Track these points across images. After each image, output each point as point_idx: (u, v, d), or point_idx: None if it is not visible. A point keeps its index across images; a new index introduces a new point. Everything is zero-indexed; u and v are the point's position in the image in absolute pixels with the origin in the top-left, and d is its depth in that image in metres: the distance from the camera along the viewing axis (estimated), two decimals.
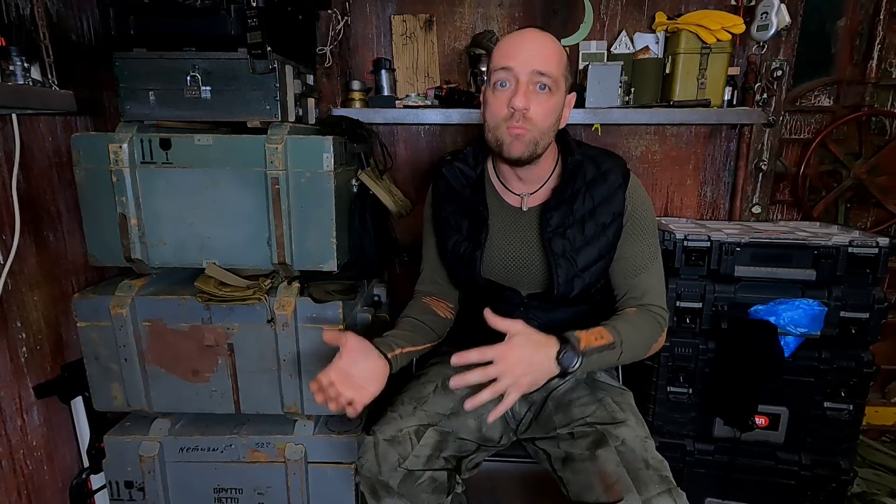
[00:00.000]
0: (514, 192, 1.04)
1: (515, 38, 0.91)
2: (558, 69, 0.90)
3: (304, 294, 1.27)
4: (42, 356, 1.28)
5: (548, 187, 1.03)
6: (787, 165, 1.83)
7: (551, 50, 0.90)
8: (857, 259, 1.37)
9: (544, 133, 0.92)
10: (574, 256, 0.98)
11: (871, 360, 1.41)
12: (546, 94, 0.90)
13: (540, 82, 0.89)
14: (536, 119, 0.90)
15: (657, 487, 0.83)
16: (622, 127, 1.81)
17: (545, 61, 0.88)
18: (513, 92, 0.89)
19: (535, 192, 1.03)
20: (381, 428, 0.99)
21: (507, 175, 1.04)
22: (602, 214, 0.98)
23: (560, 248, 0.98)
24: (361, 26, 1.79)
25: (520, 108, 0.88)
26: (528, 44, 0.89)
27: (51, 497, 1.31)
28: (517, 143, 0.91)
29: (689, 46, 1.60)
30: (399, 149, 1.87)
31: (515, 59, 0.88)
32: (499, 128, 0.92)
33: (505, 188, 1.05)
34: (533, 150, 0.93)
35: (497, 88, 0.91)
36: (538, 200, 1.03)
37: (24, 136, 1.18)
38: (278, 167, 1.19)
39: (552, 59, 0.89)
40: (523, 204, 1.03)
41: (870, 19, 1.71)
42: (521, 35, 0.91)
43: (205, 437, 1.33)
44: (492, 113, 0.93)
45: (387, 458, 0.94)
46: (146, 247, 1.25)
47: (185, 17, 1.16)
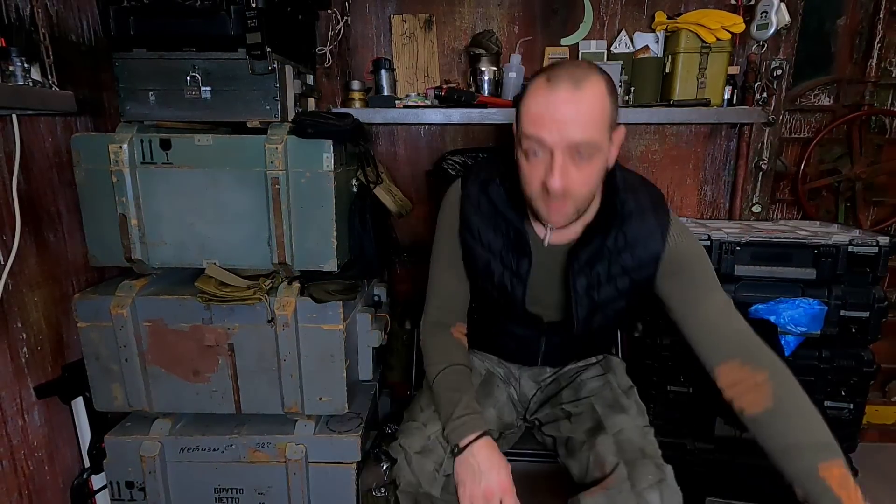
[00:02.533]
0: (542, 223, 0.92)
1: (547, 101, 0.76)
2: (601, 131, 0.77)
3: (304, 294, 1.27)
4: (43, 356, 1.28)
5: (578, 224, 0.91)
6: (787, 164, 1.83)
7: (591, 111, 0.75)
8: (857, 258, 1.37)
9: (588, 198, 0.83)
10: (595, 294, 0.92)
11: (872, 358, 1.41)
12: (586, 161, 0.78)
13: (578, 152, 0.76)
14: (577, 190, 0.79)
15: (651, 479, 0.87)
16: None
17: (584, 129, 0.75)
18: (548, 166, 0.77)
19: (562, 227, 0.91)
20: (408, 442, 0.99)
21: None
22: (633, 253, 0.89)
23: (584, 286, 0.92)
24: (361, 26, 1.79)
25: (555, 189, 0.77)
26: (563, 108, 0.74)
27: (52, 497, 1.31)
28: (557, 217, 0.83)
29: (688, 46, 1.60)
30: (399, 149, 1.87)
31: (547, 130, 0.75)
32: (534, 198, 0.83)
33: (534, 216, 0.93)
34: (576, 217, 0.85)
35: (530, 156, 0.80)
36: (564, 237, 0.93)
37: (24, 137, 1.18)
38: (278, 167, 1.19)
39: (593, 124, 0.76)
40: (546, 238, 0.93)
41: (869, 18, 1.71)
42: (555, 95, 0.75)
43: (205, 437, 1.33)
44: (526, 181, 0.83)
45: (424, 469, 0.95)
46: (146, 247, 1.25)
47: (185, 17, 1.16)
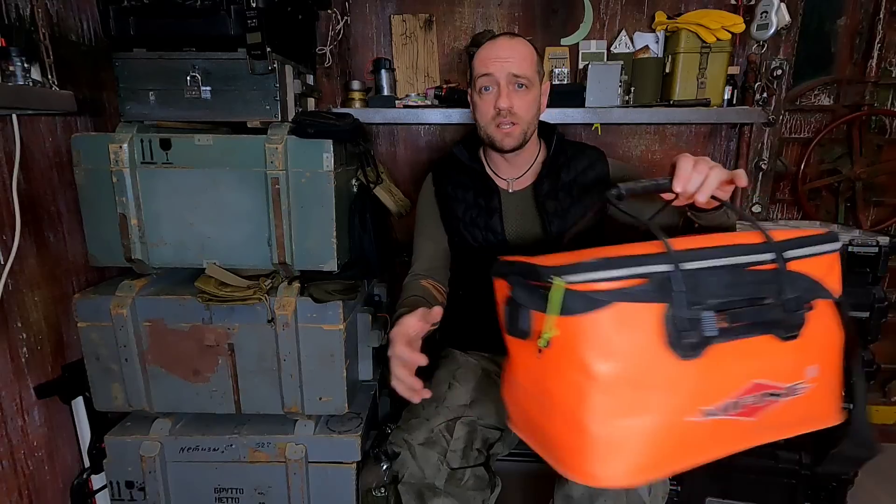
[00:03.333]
0: (502, 177, 1.19)
1: (491, 47, 1.05)
2: (531, 68, 1.06)
3: (304, 294, 1.27)
4: (43, 356, 1.28)
5: (534, 168, 1.18)
6: (787, 164, 1.83)
7: (522, 53, 1.04)
8: (857, 258, 1.37)
9: (529, 123, 1.09)
10: (564, 214, 1.13)
11: (872, 359, 1.41)
12: (524, 91, 1.05)
13: (517, 82, 1.04)
14: (521, 112, 1.06)
15: None
16: (622, 126, 1.81)
17: (519, 64, 1.04)
18: (496, 95, 1.05)
19: (520, 176, 1.18)
20: (411, 435, 1.02)
21: (497, 162, 1.19)
22: (585, 178, 1.15)
23: (553, 207, 1.13)
24: (361, 26, 1.79)
25: (504, 107, 1.04)
26: (502, 51, 1.04)
27: (52, 497, 1.31)
28: (508, 139, 1.08)
29: (688, 46, 1.60)
30: (399, 149, 1.87)
31: (493, 66, 1.03)
32: (489, 126, 1.08)
33: (494, 174, 1.20)
34: (522, 139, 1.09)
35: (482, 93, 1.07)
36: (525, 182, 1.18)
37: (24, 137, 1.18)
38: (278, 167, 1.19)
39: (525, 62, 1.05)
40: (510, 187, 1.18)
41: (870, 18, 1.71)
42: (496, 44, 1.05)
43: (205, 437, 1.33)
44: (481, 114, 1.09)
45: (428, 461, 0.98)
46: (146, 247, 1.25)
47: (185, 17, 1.16)
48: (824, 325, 0.63)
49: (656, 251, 0.57)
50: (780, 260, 0.60)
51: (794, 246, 0.62)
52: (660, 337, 0.54)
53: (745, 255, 0.59)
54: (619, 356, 0.53)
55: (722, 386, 0.58)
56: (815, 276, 0.62)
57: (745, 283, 0.59)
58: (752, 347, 0.59)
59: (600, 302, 0.53)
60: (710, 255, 0.58)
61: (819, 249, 0.63)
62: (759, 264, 0.60)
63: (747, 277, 0.59)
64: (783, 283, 0.60)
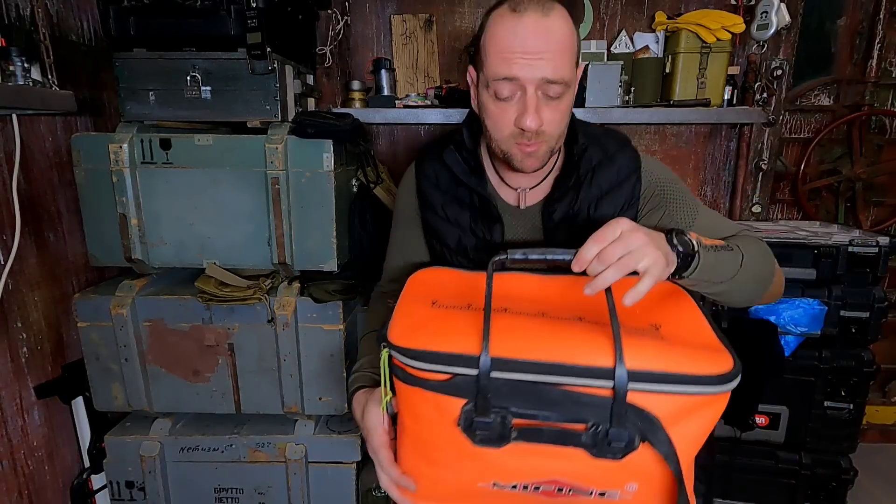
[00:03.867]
0: (511, 187, 0.87)
1: (515, 30, 0.69)
2: (570, 62, 0.71)
3: (304, 294, 1.27)
4: (43, 356, 1.28)
5: (550, 179, 0.87)
6: (787, 165, 1.83)
7: (561, 41, 0.70)
8: (857, 258, 1.37)
9: (559, 137, 0.78)
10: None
11: (872, 359, 1.41)
12: (557, 101, 0.72)
13: (551, 90, 0.71)
14: (551, 129, 0.74)
15: None
16: (622, 126, 1.80)
17: (556, 64, 0.69)
18: (521, 107, 0.72)
19: (535, 186, 0.86)
20: None
21: (508, 175, 0.87)
22: (611, 201, 0.83)
23: (565, 237, 0.84)
24: (361, 26, 1.79)
25: (532, 128, 0.72)
26: (534, 40, 0.68)
27: (52, 497, 1.31)
28: (530, 161, 0.77)
29: (688, 46, 1.60)
30: (399, 149, 1.87)
31: (520, 67, 0.69)
32: (506, 142, 0.76)
33: (501, 181, 0.88)
34: (548, 158, 0.79)
35: (499, 99, 0.73)
36: (539, 195, 0.87)
37: (24, 137, 1.18)
38: (278, 167, 1.19)
39: (564, 55, 0.70)
40: (521, 201, 0.87)
41: (870, 18, 1.71)
42: (523, 26, 0.68)
43: (205, 437, 1.33)
44: (495, 125, 0.76)
45: None
46: (146, 247, 1.25)
47: (185, 17, 1.16)
48: (659, 460, 0.54)
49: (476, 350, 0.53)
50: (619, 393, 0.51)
51: (644, 379, 0.51)
52: (456, 425, 0.56)
53: (575, 376, 0.52)
54: (422, 422, 0.60)
55: (518, 472, 0.58)
56: (661, 416, 0.52)
57: (565, 403, 0.53)
58: (559, 452, 0.55)
59: (413, 380, 0.57)
60: (527, 370, 0.53)
61: (678, 389, 0.52)
62: (592, 387, 0.53)
63: (569, 397, 0.53)
64: (613, 414, 0.52)
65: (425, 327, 0.59)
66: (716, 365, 0.53)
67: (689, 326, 0.61)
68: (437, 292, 0.69)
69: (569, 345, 0.54)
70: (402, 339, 0.57)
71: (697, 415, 0.54)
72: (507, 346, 0.54)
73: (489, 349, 0.53)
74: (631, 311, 0.62)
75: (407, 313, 0.63)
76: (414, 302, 0.66)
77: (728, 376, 0.52)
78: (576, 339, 0.55)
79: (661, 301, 0.66)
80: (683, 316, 0.63)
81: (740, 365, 0.54)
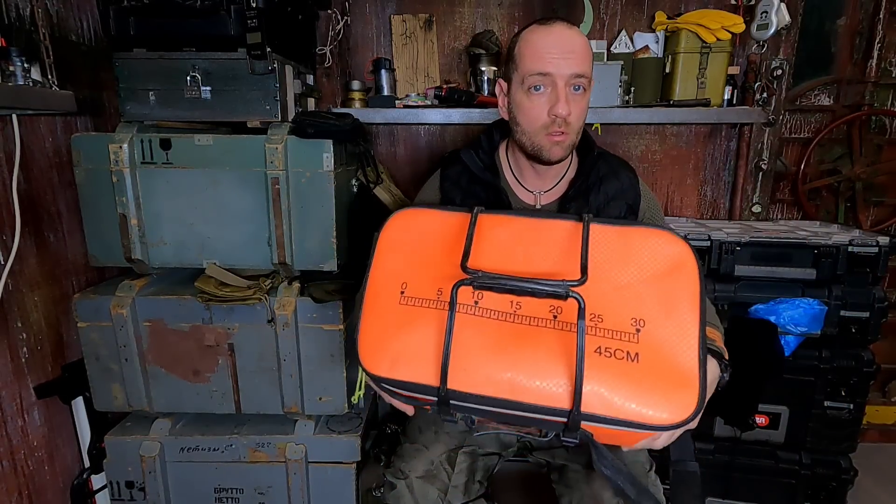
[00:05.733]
0: (528, 189, 1.01)
1: (547, 37, 0.85)
2: (591, 64, 0.88)
3: (304, 294, 1.27)
4: (43, 356, 1.28)
5: (563, 183, 1.01)
6: (787, 164, 1.83)
7: (583, 46, 0.86)
8: (857, 258, 1.37)
9: (579, 131, 0.92)
10: None
11: (872, 359, 1.41)
12: (581, 94, 0.88)
13: (577, 83, 0.86)
14: (575, 121, 0.89)
15: None
16: (622, 126, 1.81)
17: (580, 61, 0.85)
18: (553, 98, 0.86)
19: (550, 189, 1.00)
20: (409, 465, 0.95)
21: (525, 170, 1.00)
22: (614, 207, 0.98)
23: None
24: (361, 26, 1.79)
25: (563, 115, 0.85)
26: (563, 44, 0.84)
27: (52, 497, 1.31)
28: (557, 149, 0.89)
29: (688, 46, 1.60)
30: (399, 149, 1.87)
31: (552, 63, 0.84)
32: (537, 134, 0.89)
33: (519, 184, 1.02)
34: (570, 151, 0.93)
35: (532, 93, 0.87)
36: (553, 197, 1.00)
37: (24, 137, 1.18)
38: (278, 167, 1.19)
39: (586, 57, 0.86)
40: (538, 202, 1.00)
41: (870, 18, 1.71)
42: (553, 34, 0.85)
43: (205, 437, 1.33)
44: (529, 118, 0.89)
45: (427, 496, 0.92)
46: (146, 247, 1.25)
47: (185, 17, 1.16)
48: None
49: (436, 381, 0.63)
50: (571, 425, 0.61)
51: (597, 421, 0.59)
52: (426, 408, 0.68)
53: (531, 413, 0.60)
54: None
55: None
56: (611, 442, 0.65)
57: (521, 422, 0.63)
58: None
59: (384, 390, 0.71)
60: (485, 404, 0.62)
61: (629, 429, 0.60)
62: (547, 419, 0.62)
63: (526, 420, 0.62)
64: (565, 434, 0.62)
65: (390, 346, 0.67)
66: (676, 410, 0.57)
67: (674, 331, 0.62)
68: (409, 265, 0.74)
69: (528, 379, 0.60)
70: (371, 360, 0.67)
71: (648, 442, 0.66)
72: (465, 378, 0.61)
73: (447, 381, 0.61)
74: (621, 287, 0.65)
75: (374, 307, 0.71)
76: (384, 283, 0.73)
77: (683, 423, 0.58)
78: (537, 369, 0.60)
79: (661, 277, 0.66)
80: (674, 314, 0.63)
81: (702, 405, 0.59)
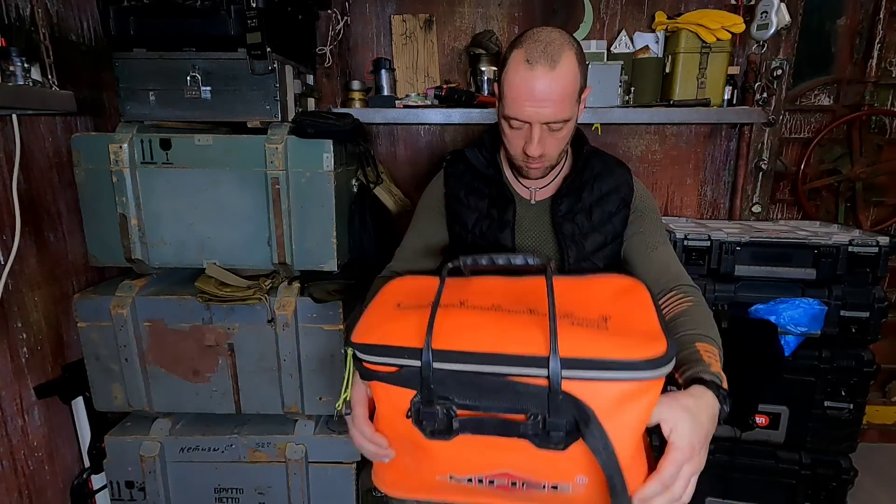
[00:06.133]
0: (525, 185, 1.06)
1: (526, 81, 0.85)
2: (570, 104, 0.88)
3: (304, 294, 1.27)
4: (43, 356, 1.28)
5: (558, 180, 1.05)
6: (787, 164, 1.83)
7: (562, 92, 0.85)
8: (857, 258, 1.37)
9: (560, 155, 0.96)
10: (582, 241, 1.00)
11: (872, 358, 1.41)
12: (558, 130, 0.89)
13: (552, 127, 0.88)
14: (551, 152, 0.92)
15: None
16: (622, 126, 1.81)
17: (556, 109, 0.85)
18: (527, 138, 0.89)
19: (544, 186, 1.05)
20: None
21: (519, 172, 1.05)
22: (608, 203, 1.02)
23: (570, 231, 1.00)
24: (361, 26, 1.79)
25: (534, 156, 0.90)
26: (539, 94, 0.84)
27: (52, 497, 1.31)
28: (535, 171, 0.96)
29: (688, 46, 1.60)
30: (399, 149, 1.87)
31: (527, 112, 0.86)
32: (516, 158, 0.96)
33: (516, 180, 1.08)
34: (550, 169, 0.99)
35: (512, 126, 0.91)
36: (547, 193, 1.05)
37: (24, 137, 1.18)
38: (278, 167, 1.19)
39: (564, 103, 0.86)
40: (533, 197, 1.06)
41: (870, 18, 1.71)
42: (533, 78, 0.84)
43: (205, 437, 1.33)
44: (509, 144, 0.95)
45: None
46: (146, 247, 1.25)
47: (185, 17, 1.16)
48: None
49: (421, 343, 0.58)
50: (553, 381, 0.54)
51: (576, 366, 0.53)
52: (406, 417, 0.60)
53: (510, 365, 0.55)
54: (381, 416, 0.66)
55: (469, 465, 0.61)
56: (596, 407, 0.54)
57: (504, 392, 0.56)
58: (506, 444, 0.56)
59: (369, 374, 0.63)
60: (466, 360, 0.56)
61: (610, 375, 0.53)
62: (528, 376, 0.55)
63: (508, 387, 0.55)
64: (549, 403, 0.54)
65: (382, 326, 0.64)
66: (648, 350, 0.54)
67: (638, 317, 0.62)
68: (404, 296, 0.72)
69: (509, 336, 0.57)
70: (359, 337, 0.64)
71: (632, 404, 0.55)
72: (450, 338, 0.58)
73: (432, 342, 0.57)
74: (585, 303, 0.64)
75: (370, 315, 0.68)
76: (381, 306, 0.71)
77: (658, 361, 0.53)
78: (516, 330, 0.58)
79: (617, 295, 0.67)
80: (634, 308, 0.63)
81: (675, 350, 0.55)
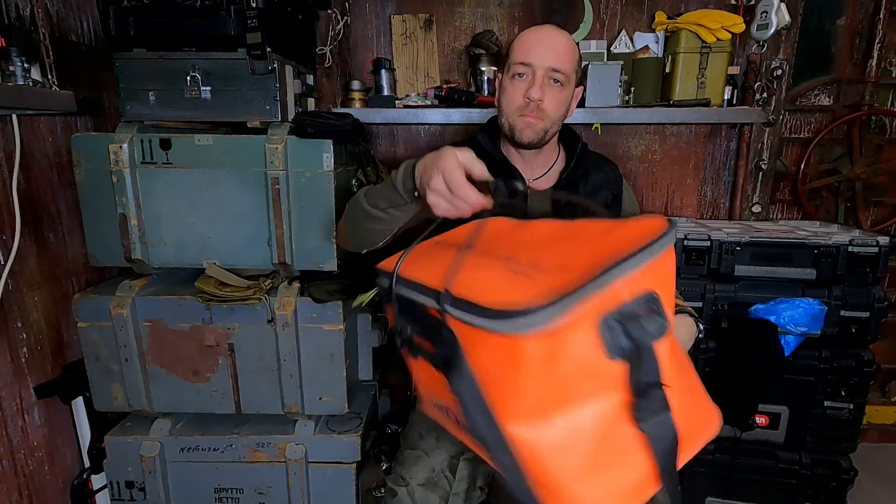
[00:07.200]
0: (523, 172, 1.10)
1: (535, 34, 0.98)
2: (571, 66, 0.99)
3: (304, 294, 1.27)
4: (43, 356, 1.28)
5: (552, 174, 1.11)
6: (787, 164, 1.83)
7: (566, 48, 0.98)
8: (857, 258, 1.37)
9: (554, 122, 1.01)
10: None
11: (872, 358, 1.41)
12: (558, 87, 0.98)
13: (554, 77, 0.97)
14: (549, 109, 0.99)
15: None
16: (622, 126, 1.81)
17: (560, 59, 0.96)
18: (529, 84, 0.97)
19: (538, 178, 1.10)
20: (410, 472, 0.97)
21: (516, 160, 1.10)
22: (601, 196, 1.10)
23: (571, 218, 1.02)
24: (361, 26, 1.79)
25: (535, 98, 0.97)
26: (547, 41, 0.97)
27: (52, 497, 1.31)
28: (528, 131, 1.00)
29: (688, 46, 1.60)
30: (399, 149, 1.87)
31: (534, 55, 0.96)
32: (513, 115, 1.01)
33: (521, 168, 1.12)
34: (542, 137, 1.02)
35: (515, 79, 0.99)
36: (542, 186, 1.10)
37: (24, 137, 1.18)
38: (278, 167, 1.19)
39: (567, 57, 0.98)
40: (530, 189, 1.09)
41: (870, 18, 1.71)
42: (541, 32, 0.99)
43: (205, 437, 1.33)
44: (508, 100, 1.01)
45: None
46: (146, 247, 1.25)
47: (185, 17, 1.16)
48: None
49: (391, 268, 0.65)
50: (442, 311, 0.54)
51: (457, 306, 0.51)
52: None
53: (419, 294, 0.59)
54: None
55: (432, 391, 0.64)
56: (463, 343, 0.53)
57: (421, 320, 0.61)
58: (439, 377, 0.58)
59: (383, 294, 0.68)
60: (410, 287, 0.62)
61: (480, 323, 0.49)
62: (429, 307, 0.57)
63: (426, 317, 0.59)
64: (438, 333, 0.55)
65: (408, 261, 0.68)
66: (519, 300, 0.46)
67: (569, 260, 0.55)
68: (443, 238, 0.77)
69: (439, 270, 0.59)
70: (383, 265, 0.70)
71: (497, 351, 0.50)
72: (415, 269, 0.63)
73: (399, 270, 0.64)
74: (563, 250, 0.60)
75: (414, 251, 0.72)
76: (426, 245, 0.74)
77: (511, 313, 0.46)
78: (453, 268, 0.58)
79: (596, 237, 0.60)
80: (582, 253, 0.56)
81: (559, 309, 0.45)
